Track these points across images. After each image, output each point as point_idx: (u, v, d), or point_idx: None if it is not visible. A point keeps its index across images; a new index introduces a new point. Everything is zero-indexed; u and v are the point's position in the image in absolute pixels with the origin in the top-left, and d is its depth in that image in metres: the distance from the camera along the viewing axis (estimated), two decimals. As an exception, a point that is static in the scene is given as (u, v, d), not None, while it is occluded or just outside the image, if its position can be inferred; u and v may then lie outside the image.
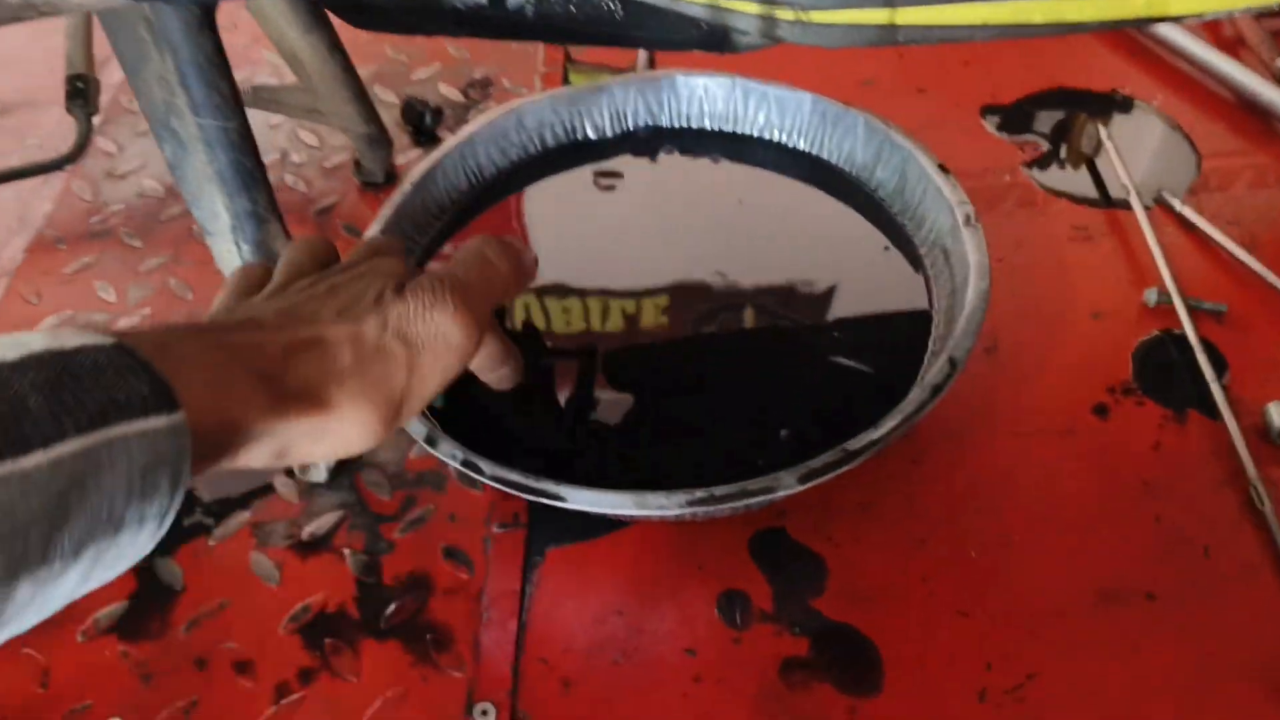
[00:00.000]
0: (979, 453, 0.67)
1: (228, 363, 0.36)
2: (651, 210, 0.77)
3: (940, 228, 0.70)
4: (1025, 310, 0.74)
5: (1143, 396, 0.69)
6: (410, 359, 0.42)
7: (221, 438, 0.36)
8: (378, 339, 0.41)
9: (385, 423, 0.41)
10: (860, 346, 0.67)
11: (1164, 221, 0.80)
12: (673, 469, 0.62)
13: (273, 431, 0.37)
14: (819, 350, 0.67)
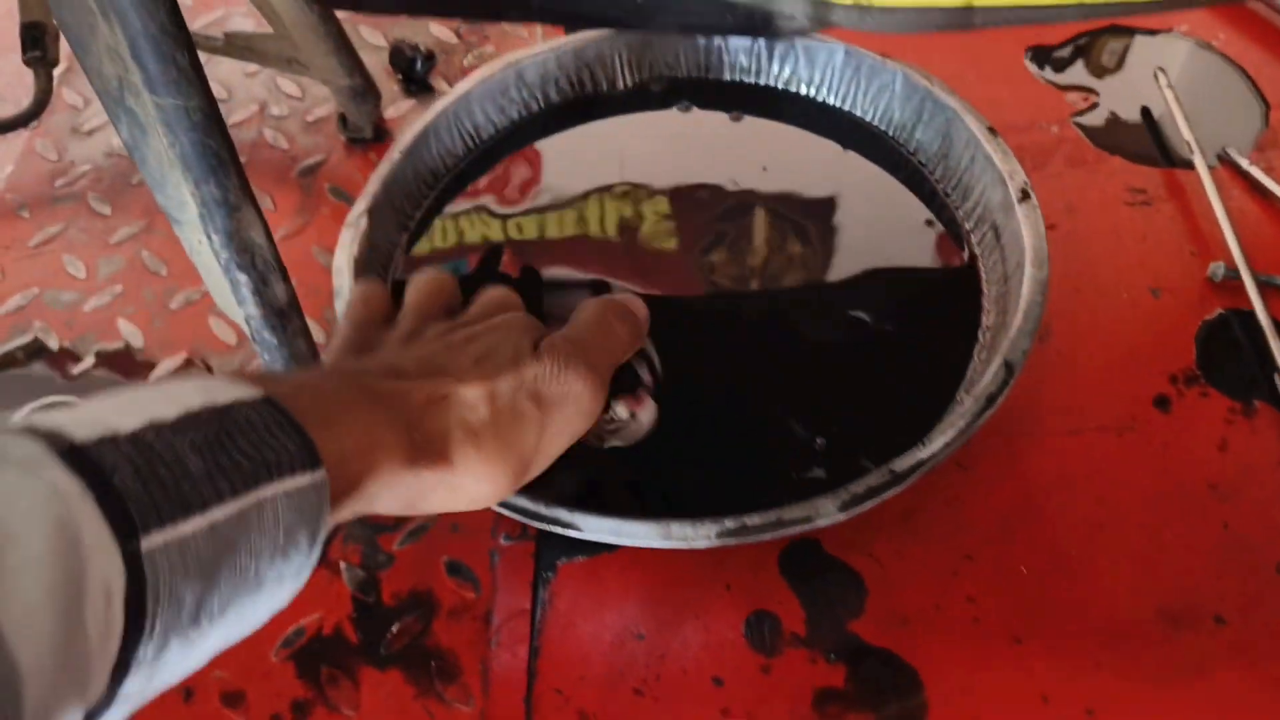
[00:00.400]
0: (1030, 453, 0.61)
1: (375, 410, 0.37)
2: (664, 174, 0.70)
3: (990, 201, 0.63)
4: (1079, 287, 0.68)
5: (1207, 386, 0.63)
6: (542, 419, 0.43)
7: (360, 486, 0.36)
8: (512, 398, 0.42)
9: (514, 481, 0.43)
10: (900, 335, 0.61)
11: (1229, 183, 0.73)
12: (696, 481, 0.56)
13: (406, 482, 0.38)
14: (853, 340, 0.61)
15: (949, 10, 0.36)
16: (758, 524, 0.49)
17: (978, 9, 0.36)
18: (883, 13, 0.36)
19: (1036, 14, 0.37)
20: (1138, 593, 0.56)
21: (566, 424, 0.45)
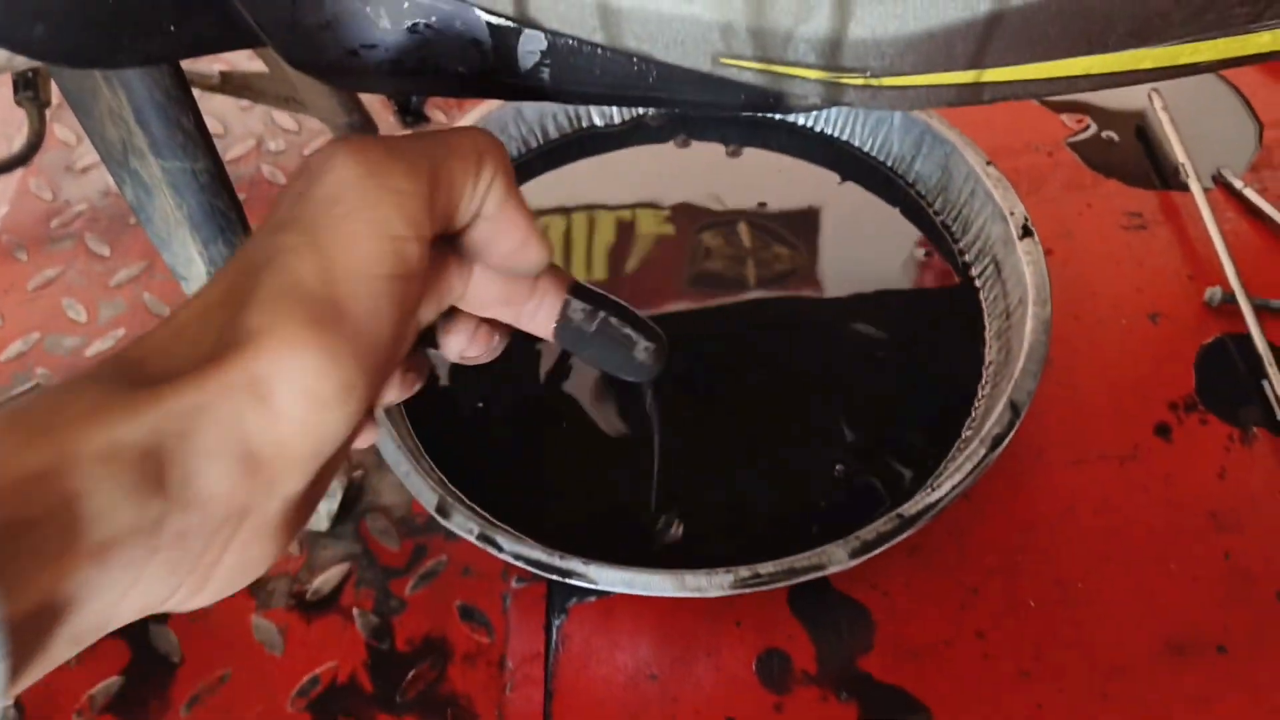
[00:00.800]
0: (1033, 484, 0.62)
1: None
2: (661, 201, 0.70)
3: (990, 235, 0.63)
4: (1078, 314, 0.68)
5: (1206, 413, 0.64)
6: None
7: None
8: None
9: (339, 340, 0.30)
10: (903, 365, 0.62)
11: (1224, 204, 0.73)
12: (710, 515, 0.57)
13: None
14: (856, 369, 0.62)
15: (960, 87, 0.36)
16: (771, 573, 0.50)
17: (987, 84, 0.37)
18: (894, 91, 0.36)
19: (1045, 87, 0.37)
20: (1143, 624, 0.57)
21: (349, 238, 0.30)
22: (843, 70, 0.35)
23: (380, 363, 0.30)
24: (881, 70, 0.35)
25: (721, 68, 0.36)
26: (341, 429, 0.29)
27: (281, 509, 0.29)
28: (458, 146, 0.32)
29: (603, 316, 0.39)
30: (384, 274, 0.30)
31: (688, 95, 0.39)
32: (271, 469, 0.28)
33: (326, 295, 0.28)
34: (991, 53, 0.35)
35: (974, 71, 0.36)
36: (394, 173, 0.30)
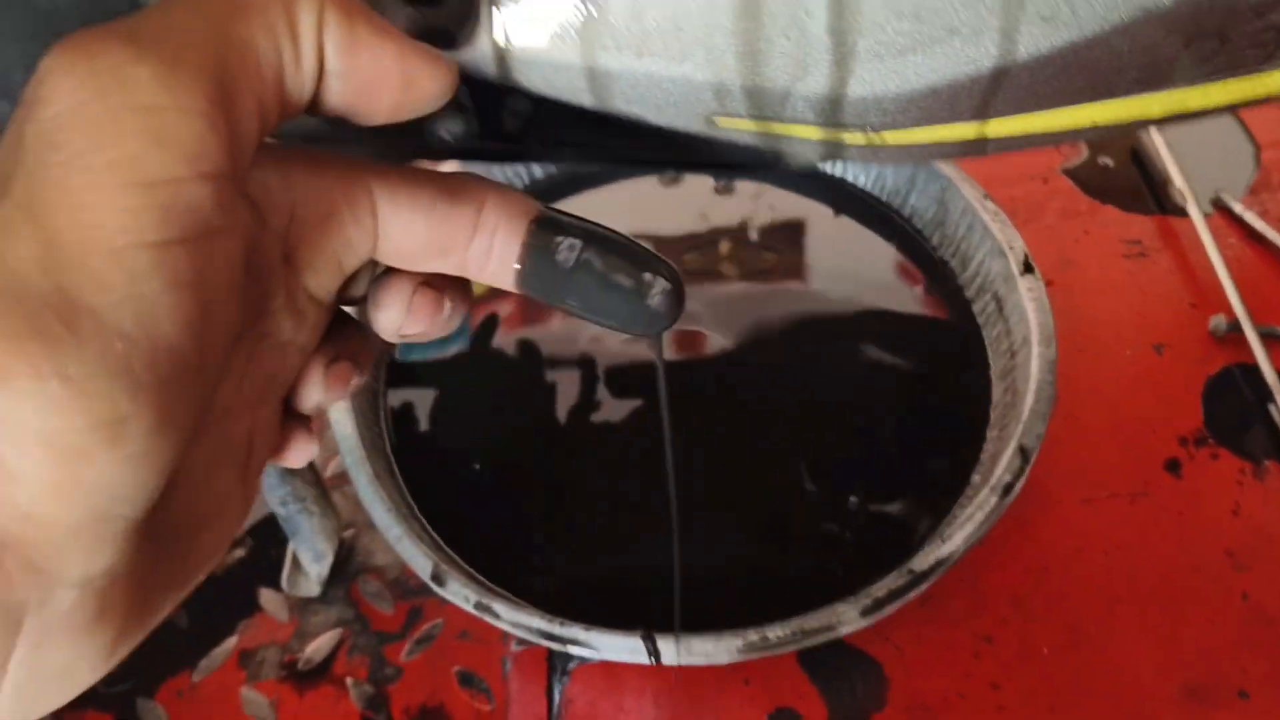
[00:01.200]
0: (1043, 524, 0.60)
1: None
2: (647, 234, 0.69)
3: (990, 271, 0.62)
4: (1082, 346, 0.67)
5: (1217, 446, 0.63)
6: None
7: None
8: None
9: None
10: (908, 406, 0.60)
11: (1225, 229, 0.72)
12: (710, 564, 0.55)
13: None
14: (859, 412, 0.60)
15: (962, 142, 0.35)
16: (780, 637, 0.48)
17: (990, 139, 0.35)
18: (896, 147, 0.35)
19: (1049, 139, 0.36)
20: (1161, 669, 0.55)
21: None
22: (842, 127, 0.34)
23: (176, 372, 0.20)
24: (882, 126, 0.34)
25: (716, 128, 0.34)
26: (130, 478, 0.20)
27: (82, 598, 0.21)
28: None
29: (582, 249, 0.28)
30: (146, 241, 0.20)
31: (681, 155, 0.37)
32: (26, 551, 0.20)
33: (51, 289, 0.19)
34: (996, 106, 0.34)
35: (977, 124, 0.34)
36: (136, 81, 0.20)
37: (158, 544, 0.23)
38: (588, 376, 0.62)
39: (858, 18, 0.30)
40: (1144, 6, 0.30)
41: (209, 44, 0.21)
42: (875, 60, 0.31)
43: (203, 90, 0.20)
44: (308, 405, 0.29)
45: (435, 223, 0.26)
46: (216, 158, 0.21)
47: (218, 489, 0.26)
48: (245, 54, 0.21)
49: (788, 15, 0.30)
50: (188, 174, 0.20)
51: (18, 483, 0.19)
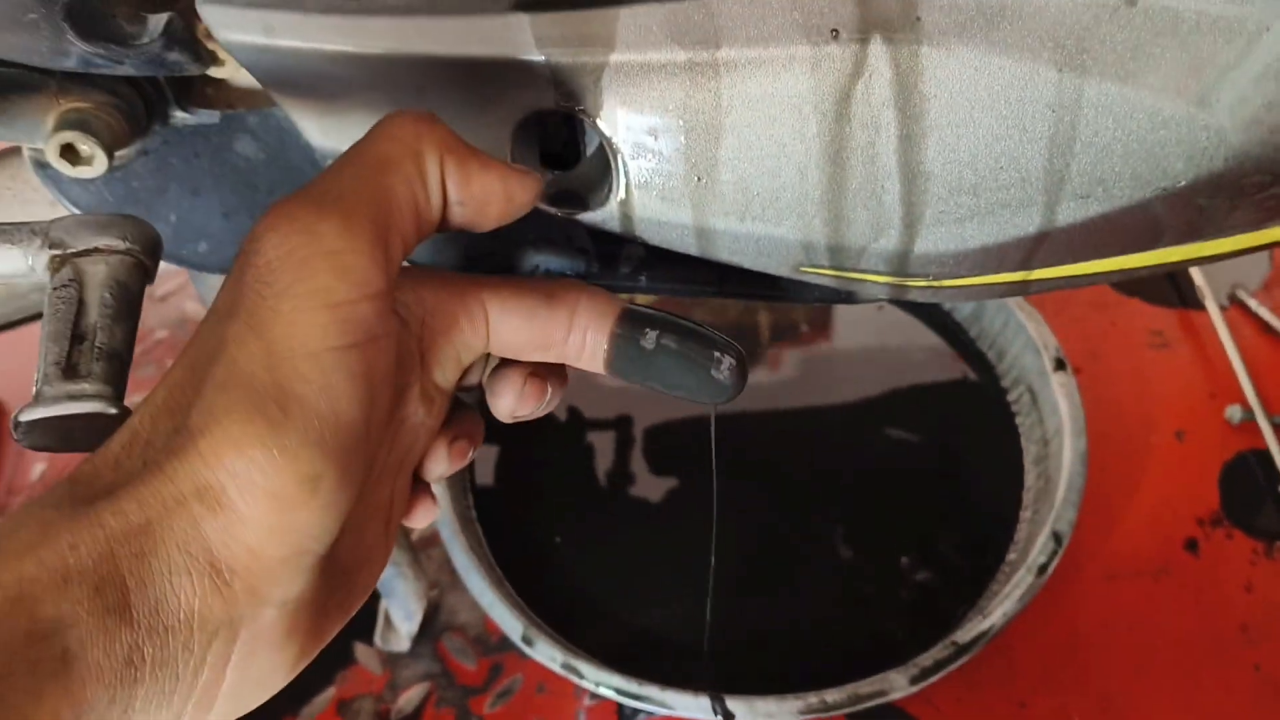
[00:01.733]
0: (1072, 599, 0.66)
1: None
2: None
3: (1025, 365, 0.68)
4: (1109, 431, 0.73)
5: (1231, 528, 0.68)
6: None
7: None
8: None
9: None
10: (947, 487, 0.66)
11: (1241, 323, 0.78)
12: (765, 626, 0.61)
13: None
14: (900, 489, 0.66)
15: (1009, 284, 0.41)
16: (836, 701, 0.54)
17: (1034, 282, 0.41)
18: (952, 289, 0.41)
19: (1085, 281, 0.42)
20: (1182, 735, 0.61)
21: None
22: (908, 276, 0.40)
23: (353, 442, 0.27)
24: (941, 275, 0.40)
25: (801, 274, 0.41)
26: (321, 522, 0.27)
27: (280, 617, 0.28)
28: (389, 155, 0.29)
29: (661, 338, 0.34)
30: (332, 346, 0.27)
31: (768, 292, 0.44)
32: (249, 577, 0.26)
33: (271, 382, 0.26)
34: (1038, 259, 0.40)
35: (1023, 273, 0.41)
36: (324, 233, 0.27)
37: (331, 577, 0.29)
38: (626, 440, 0.69)
39: (925, 193, 0.37)
40: (1163, 186, 0.37)
41: (368, 198, 0.28)
42: (938, 225, 0.38)
43: (367, 234, 0.28)
44: (433, 475, 0.36)
45: (536, 326, 0.33)
46: (378, 282, 0.28)
47: (369, 538, 0.33)
48: (392, 201, 0.29)
49: (868, 189, 0.37)
50: (359, 296, 0.27)
51: (246, 525, 0.26)
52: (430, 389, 0.33)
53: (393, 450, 0.33)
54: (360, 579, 0.32)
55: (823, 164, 0.36)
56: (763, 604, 0.62)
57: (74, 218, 0.30)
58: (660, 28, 0.33)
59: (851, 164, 0.36)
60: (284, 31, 0.33)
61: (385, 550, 0.34)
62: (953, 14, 0.33)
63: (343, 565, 0.31)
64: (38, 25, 0.32)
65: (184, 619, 0.25)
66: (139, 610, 0.25)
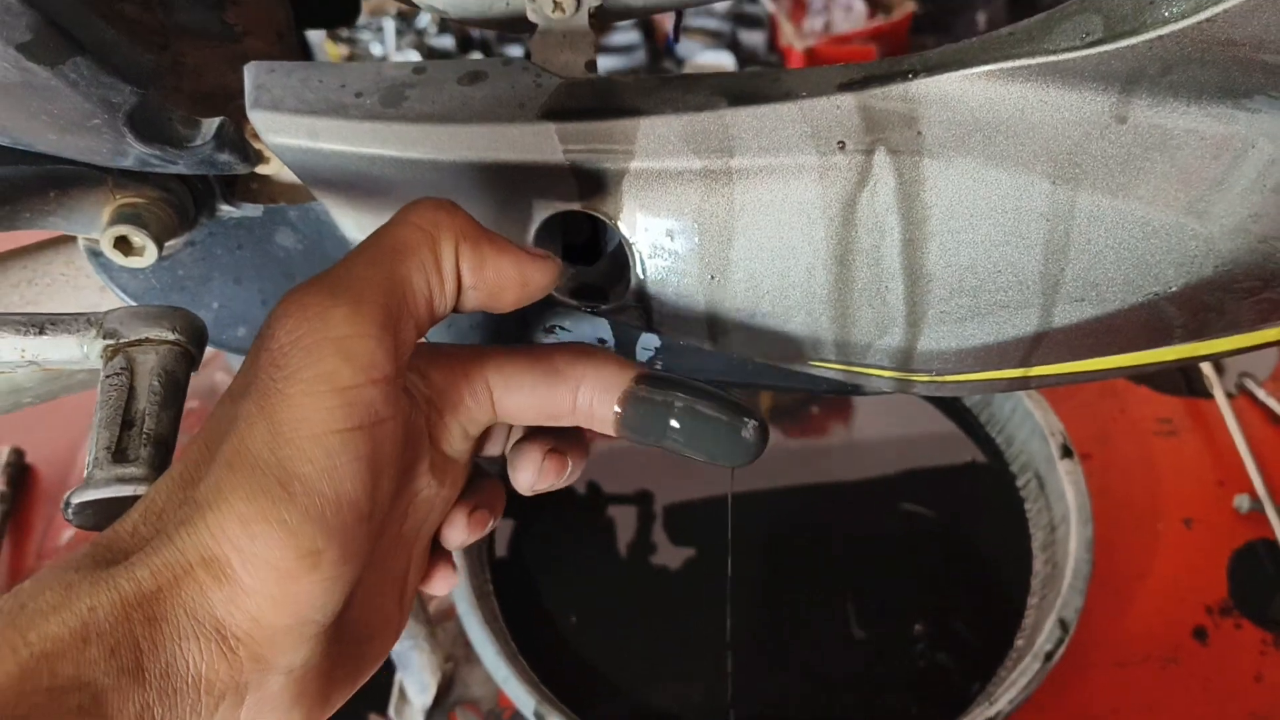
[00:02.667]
0: (1083, 688, 0.66)
1: None
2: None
3: (1032, 451, 0.69)
4: (1118, 518, 0.74)
5: (1240, 617, 0.69)
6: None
7: None
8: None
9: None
10: (955, 570, 0.67)
11: (1249, 413, 0.79)
12: (779, 701, 0.62)
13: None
14: (909, 573, 0.67)
15: (1009, 379, 0.43)
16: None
17: (1033, 378, 0.43)
18: (955, 384, 0.43)
19: (1083, 378, 0.44)
20: (1191, 828, 0.61)
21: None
22: (912, 371, 0.42)
23: (355, 520, 0.28)
24: (944, 371, 0.42)
25: (810, 367, 0.43)
26: (323, 594, 0.28)
27: (287, 683, 0.29)
28: (405, 241, 0.30)
29: (671, 402, 0.34)
30: (336, 429, 0.28)
31: (778, 382, 0.46)
32: (253, 645, 0.27)
33: (275, 463, 0.27)
34: (1037, 357, 0.41)
35: (1022, 369, 0.42)
36: (333, 320, 0.28)
37: (339, 646, 0.31)
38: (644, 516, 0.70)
39: (927, 294, 0.39)
40: (1155, 291, 0.38)
41: (380, 284, 0.29)
42: (940, 324, 0.39)
43: (376, 320, 0.29)
44: (452, 544, 0.36)
45: (540, 401, 0.34)
46: (385, 367, 0.29)
47: (382, 609, 0.34)
48: (405, 289, 0.30)
49: (872, 290, 0.39)
50: (365, 380, 0.28)
51: (250, 596, 0.27)
52: (440, 462, 0.34)
53: (406, 522, 0.34)
54: (371, 649, 0.33)
55: (830, 265, 0.38)
56: (777, 681, 0.62)
57: (126, 309, 0.32)
58: (678, 137, 0.36)
59: (857, 266, 0.38)
60: (327, 136, 0.36)
61: (399, 621, 0.35)
62: (952, 129, 0.35)
63: (352, 634, 0.32)
64: (100, 130, 0.34)
65: (192, 682, 0.27)
66: (151, 672, 0.26)
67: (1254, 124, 0.36)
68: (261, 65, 0.36)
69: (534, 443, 0.36)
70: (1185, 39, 0.33)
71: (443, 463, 0.34)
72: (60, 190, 0.37)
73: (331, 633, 0.29)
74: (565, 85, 0.36)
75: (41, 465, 0.84)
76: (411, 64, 0.37)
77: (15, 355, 0.32)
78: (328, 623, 0.29)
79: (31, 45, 0.31)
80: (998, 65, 0.34)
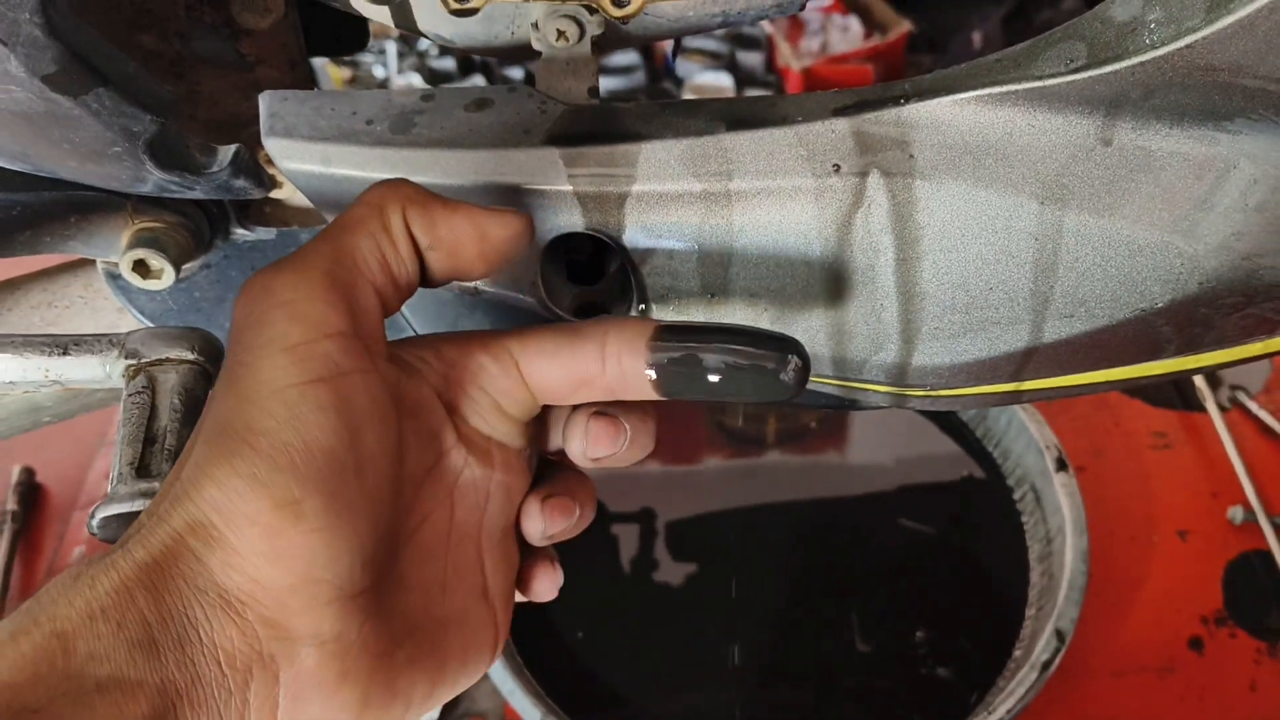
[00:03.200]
0: (1081, 695, 0.67)
1: None
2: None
3: (1028, 465, 0.70)
4: (1113, 530, 0.75)
5: (1235, 627, 0.70)
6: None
7: None
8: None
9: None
10: (954, 580, 0.68)
11: (1242, 425, 0.80)
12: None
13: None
14: (907, 582, 0.68)
15: (1002, 394, 0.44)
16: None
17: (1025, 392, 0.44)
18: (949, 398, 0.44)
19: (1074, 391, 0.45)
20: (1188, 836, 0.62)
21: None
22: (907, 386, 0.43)
23: (334, 469, 0.29)
24: (938, 385, 0.43)
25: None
26: (323, 547, 0.28)
27: (323, 658, 0.28)
28: (354, 216, 0.31)
29: (705, 356, 0.32)
30: (294, 383, 0.28)
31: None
32: (259, 608, 0.28)
33: (241, 423, 0.28)
34: (1028, 372, 0.43)
35: (1014, 383, 0.43)
36: (277, 288, 0.30)
37: (390, 624, 0.30)
38: (648, 532, 0.71)
39: (920, 311, 0.40)
40: (1142, 307, 0.40)
41: (325, 255, 0.30)
42: (933, 340, 0.41)
43: (321, 283, 0.30)
44: (533, 535, 0.35)
45: (566, 362, 0.33)
46: (336, 323, 0.29)
47: (455, 603, 0.33)
48: (354, 254, 0.31)
49: (868, 307, 0.40)
50: (316, 336, 0.29)
51: (241, 554, 0.27)
52: (474, 437, 0.33)
53: (460, 507, 0.33)
54: (449, 640, 0.32)
55: (826, 283, 0.39)
56: (780, 693, 0.63)
57: (147, 330, 0.34)
58: (678, 161, 0.37)
59: (853, 284, 0.39)
60: (340, 162, 0.37)
61: (485, 617, 0.34)
62: (943, 152, 0.37)
63: (411, 617, 0.31)
64: (121, 157, 0.36)
65: (209, 653, 0.27)
66: (164, 645, 0.26)
67: (1235, 145, 0.37)
68: (275, 94, 0.37)
69: (581, 410, 0.34)
70: (1166, 65, 0.34)
71: (476, 438, 0.33)
72: (81, 215, 0.38)
73: (367, 604, 0.29)
74: (569, 111, 0.37)
75: (52, 484, 0.85)
76: (420, 91, 0.39)
77: (40, 375, 0.33)
78: (348, 588, 0.28)
79: (57, 77, 0.32)
80: (986, 90, 0.36)
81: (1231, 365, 0.45)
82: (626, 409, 0.34)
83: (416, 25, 0.40)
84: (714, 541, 0.65)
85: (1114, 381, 0.44)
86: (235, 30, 0.42)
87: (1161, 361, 0.43)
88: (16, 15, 0.31)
